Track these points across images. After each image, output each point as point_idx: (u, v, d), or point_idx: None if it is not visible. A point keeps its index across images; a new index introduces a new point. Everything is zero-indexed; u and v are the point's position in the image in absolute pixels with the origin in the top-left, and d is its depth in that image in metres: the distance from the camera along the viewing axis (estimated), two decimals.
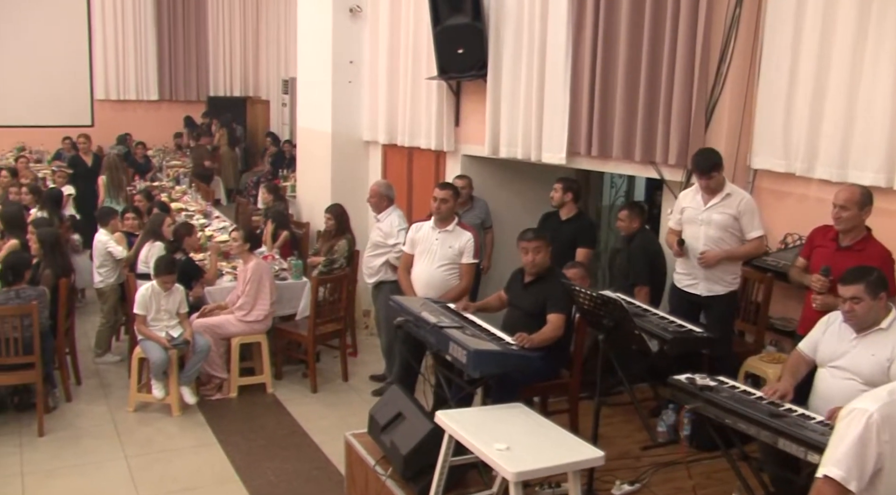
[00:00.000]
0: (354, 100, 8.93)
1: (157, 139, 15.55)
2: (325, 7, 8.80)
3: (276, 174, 13.45)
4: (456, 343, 4.56)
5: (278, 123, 16.01)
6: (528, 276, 5.27)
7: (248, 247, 7.01)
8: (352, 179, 9.01)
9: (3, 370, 6.10)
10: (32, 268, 6.56)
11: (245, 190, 14.08)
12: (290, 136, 14.95)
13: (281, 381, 7.31)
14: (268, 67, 16.68)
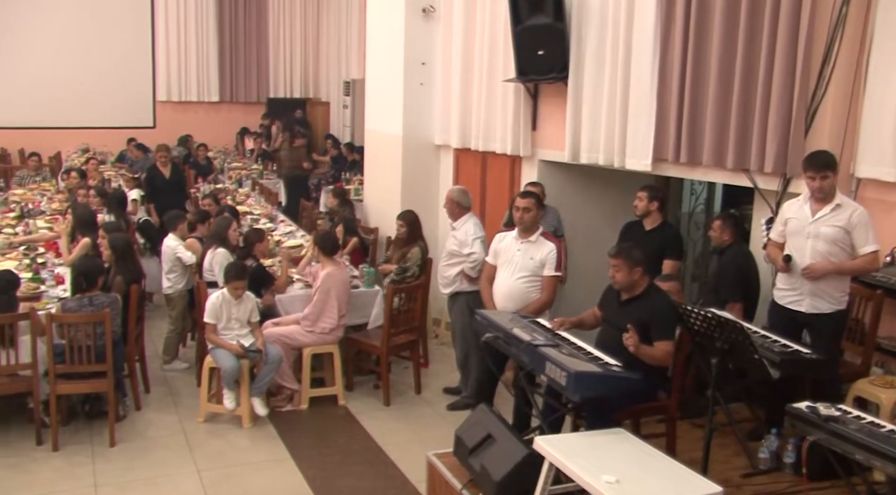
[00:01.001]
0: (426, 102, 8.68)
1: (217, 140, 15.54)
2: (396, 7, 8.57)
3: (338, 177, 13.30)
4: (553, 363, 4.29)
5: (339, 125, 15.87)
6: (624, 294, 4.97)
7: (327, 252, 6.76)
8: (422, 184, 8.77)
9: (75, 378, 5.98)
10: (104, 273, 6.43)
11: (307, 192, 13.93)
12: (352, 139, 14.80)
13: (352, 393, 7.09)
14: (328, 69, 16.56)
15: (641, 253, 4.95)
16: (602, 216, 7.88)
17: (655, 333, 4.69)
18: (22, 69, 15.06)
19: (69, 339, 5.84)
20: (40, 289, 6.71)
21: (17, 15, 14.99)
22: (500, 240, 6.00)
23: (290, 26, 16.88)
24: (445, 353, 8.09)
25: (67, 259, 7.58)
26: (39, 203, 10.11)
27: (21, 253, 7.89)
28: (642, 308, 4.81)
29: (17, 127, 15.18)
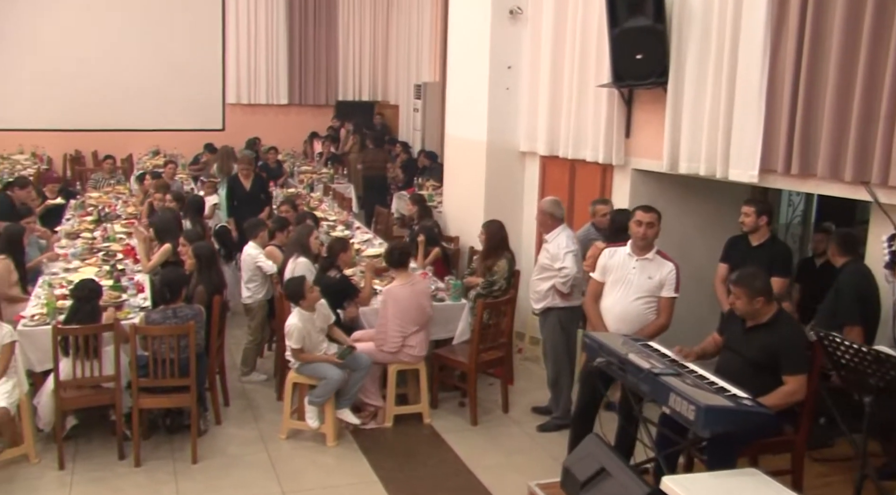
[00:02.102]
0: (511, 107, 8.36)
1: (285, 143, 15.41)
2: (482, 9, 8.27)
3: (410, 182, 13.06)
4: (679, 395, 3.94)
5: (408, 129, 15.64)
6: (749, 320, 4.60)
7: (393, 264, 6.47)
8: (506, 192, 8.46)
9: (158, 392, 5.79)
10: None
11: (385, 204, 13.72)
12: (423, 144, 14.57)
13: (436, 410, 6.80)
14: (397, 72, 16.35)
15: (765, 281, 4.59)
16: (695, 228, 7.47)
17: (786, 366, 4.33)
18: (94, 71, 15.11)
19: (152, 352, 5.66)
20: (122, 297, 6.54)
21: (88, 18, 15.04)
22: (610, 256, 5.61)
23: (359, 29, 16.72)
24: (530, 369, 7.77)
25: (146, 266, 7.44)
26: (115, 207, 10.01)
27: (100, 258, 7.77)
28: (770, 337, 4.45)
29: (89, 129, 15.23)
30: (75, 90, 15.08)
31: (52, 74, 14.87)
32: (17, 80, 14.72)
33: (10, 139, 14.60)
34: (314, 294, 6.03)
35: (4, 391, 5.50)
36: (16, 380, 5.64)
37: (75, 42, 14.98)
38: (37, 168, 13.10)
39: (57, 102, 15.03)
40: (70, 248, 8.06)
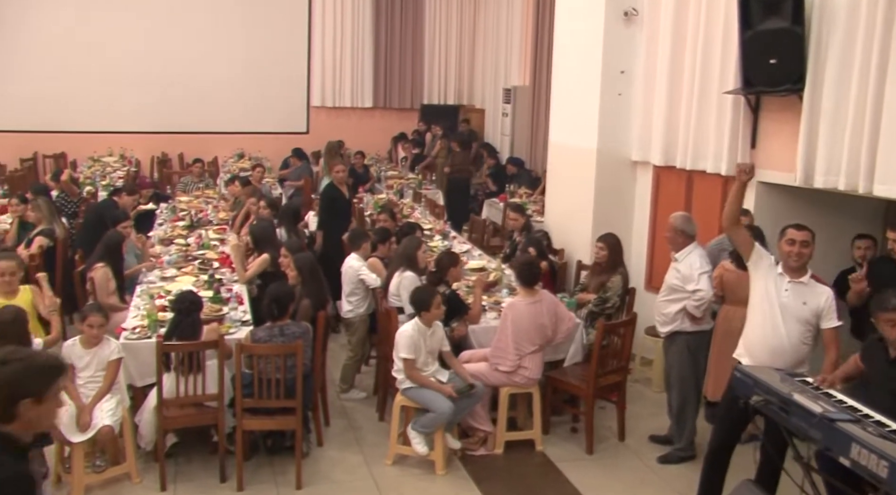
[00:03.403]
0: (624, 114, 7.91)
1: (369, 147, 15.10)
2: (595, 10, 7.83)
3: (501, 189, 12.66)
4: (864, 446, 3.47)
5: (495, 134, 15.26)
6: (893, 350, 4.13)
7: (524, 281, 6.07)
8: (616, 204, 8.01)
9: (262, 414, 5.51)
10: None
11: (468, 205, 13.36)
12: (511, 150, 14.17)
13: (547, 436, 6.39)
14: (484, 75, 15.99)
15: None
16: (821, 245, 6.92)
17: None
18: (180, 74, 15.06)
19: (258, 372, 5.37)
20: (222, 310, 6.28)
21: (174, 20, 15.01)
22: (761, 257, 5.11)
23: (445, 30, 16.39)
24: (640, 392, 7.33)
25: (243, 276, 7.19)
26: (207, 212, 9.82)
27: (196, 267, 7.55)
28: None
29: (174, 131, 15.20)
30: (161, 92, 15.05)
31: (137, 77, 14.85)
32: (106, 82, 14.74)
33: (100, 141, 14.64)
34: (438, 310, 5.68)
35: (108, 408, 5.28)
36: (119, 397, 5.44)
37: (162, 45, 14.94)
38: (126, 170, 13.05)
39: (143, 105, 15.02)
40: (165, 256, 7.86)
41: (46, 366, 2.74)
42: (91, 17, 14.63)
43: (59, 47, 14.49)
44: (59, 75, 14.52)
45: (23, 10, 14.37)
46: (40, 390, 2.64)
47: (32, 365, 2.69)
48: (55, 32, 14.47)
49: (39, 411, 2.65)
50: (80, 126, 14.79)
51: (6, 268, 5.41)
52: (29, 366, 2.67)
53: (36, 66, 14.42)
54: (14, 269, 5.41)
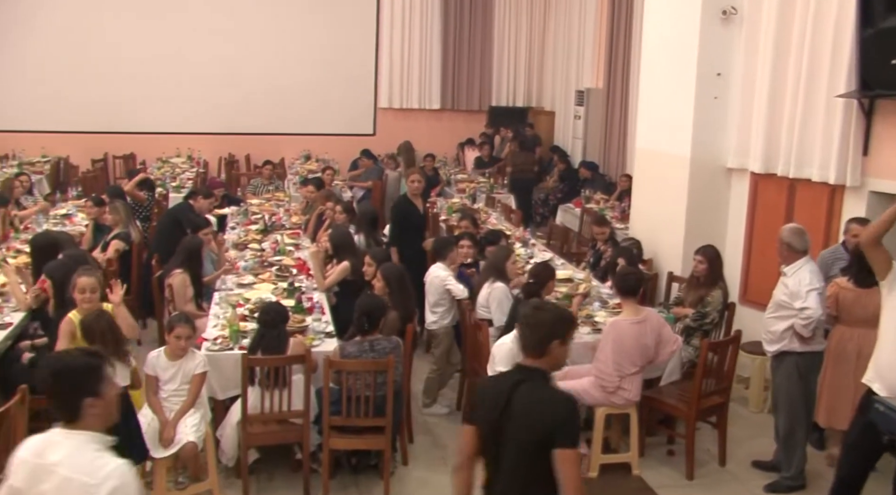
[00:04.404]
0: (720, 119, 7.52)
1: (437, 150, 14.82)
2: (690, 10, 7.45)
3: (572, 193, 12.32)
4: None
5: (566, 137, 14.90)
6: None
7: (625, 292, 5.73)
8: (710, 213, 7.63)
9: (350, 432, 5.27)
10: None
11: (532, 208, 13.05)
12: (584, 153, 13.81)
13: (643, 459, 6.03)
14: (554, 76, 15.62)
15: None
16: None
17: None
18: (246, 75, 14.98)
19: (346, 389, 5.12)
20: (305, 321, 6.05)
21: (239, 21, 14.94)
22: None
23: (515, 31, 16.05)
24: (737, 412, 6.90)
25: (323, 284, 6.97)
26: (280, 216, 9.64)
27: (274, 274, 7.35)
28: None
29: (240, 132, 15.12)
30: (228, 94, 14.99)
31: (205, 78, 14.83)
32: (173, 83, 14.74)
33: (167, 142, 14.63)
34: None
35: (192, 423, 5.08)
36: (203, 412, 5.22)
37: (229, 46, 14.88)
38: (195, 172, 12.97)
39: (210, 106, 14.99)
40: (240, 261, 7.67)
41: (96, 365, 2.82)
42: (160, 20, 14.62)
43: (129, 49, 14.50)
44: (128, 76, 14.53)
45: (94, 13, 14.43)
46: (98, 388, 2.75)
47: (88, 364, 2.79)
48: (124, 35, 14.49)
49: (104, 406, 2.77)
50: (147, 127, 14.80)
51: (87, 284, 5.19)
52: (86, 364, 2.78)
53: (106, 67, 14.46)
54: (95, 286, 5.20)
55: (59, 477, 2.64)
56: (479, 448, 3.32)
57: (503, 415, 3.19)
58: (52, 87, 14.33)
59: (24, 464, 2.75)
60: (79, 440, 2.72)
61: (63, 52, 14.35)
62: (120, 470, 2.65)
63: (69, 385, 2.74)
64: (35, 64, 14.26)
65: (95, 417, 2.75)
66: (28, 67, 14.24)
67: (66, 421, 2.75)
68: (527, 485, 3.19)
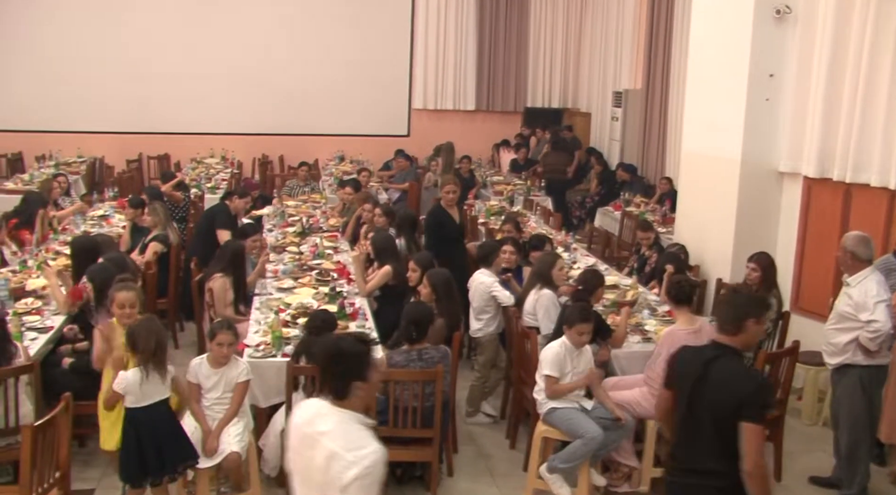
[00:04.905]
0: (771, 121, 7.31)
1: (471, 151, 14.63)
2: (742, 9, 7.25)
3: (611, 196, 12.12)
4: None
5: (602, 138, 14.70)
6: None
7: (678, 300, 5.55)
8: (760, 219, 7.42)
9: (396, 443, 5.10)
10: None
11: (569, 211, 12.85)
12: (621, 155, 13.61)
13: None
14: (590, 77, 15.43)
15: None
16: None
17: None
18: (280, 75, 14.94)
19: (394, 399, 4.98)
20: (349, 328, 5.91)
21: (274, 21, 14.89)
22: None
23: (551, 32, 15.87)
24: (791, 426, 6.63)
25: (364, 289, 6.84)
26: (317, 219, 9.52)
27: (314, 278, 7.22)
28: None
29: (274, 133, 15.07)
30: (262, 94, 14.96)
31: (238, 78, 14.80)
32: (207, 84, 14.72)
33: (201, 143, 14.60)
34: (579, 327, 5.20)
35: (236, 433, 4.95)
36: (246, 421, 5.10)
37: (263, 46, 14.86)
38: (229, 172, 12.92)
39: (243, 106, 14.97)
40: (279, 265, 7.56)
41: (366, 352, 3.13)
42: (195, 20, 14.64)
43: (164, 50, 14.53)
44: (163, 77, 14.57)
45: (131, 14, 14.44)
46: (366, 373, 3.04)
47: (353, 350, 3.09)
48: (160, 35, 14.51)
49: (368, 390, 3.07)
50: (181, 127, 14.81)
51: (126, 299, 5.06)
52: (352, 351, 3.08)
53: (141, 67, 14.48)
54: (134, 301, 5.08)
55: (323, 446, 2.89)
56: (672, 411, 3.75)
57: (698, 386, 3.57)
58: (87, 87, 14.39)
59: (297, 429, 3.07)
60: (343, 416, 2.96)
61: (98, 53, 14.39)
62: (375, 455, 2.86)
63: (342, 367, 3.02)
64: (71, 64, 14.31)
65: (359, 399, 3.03)
66: (64, 68, 14.29)
67: (333, 398, 3.01)
68: (711, 451, 3.55)
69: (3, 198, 10.29)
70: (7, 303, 6.17)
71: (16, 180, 11.64)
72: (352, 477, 2.80)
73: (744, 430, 3.43)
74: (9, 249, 7.69)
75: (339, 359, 3.04)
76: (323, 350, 3.10)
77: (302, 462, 3.01)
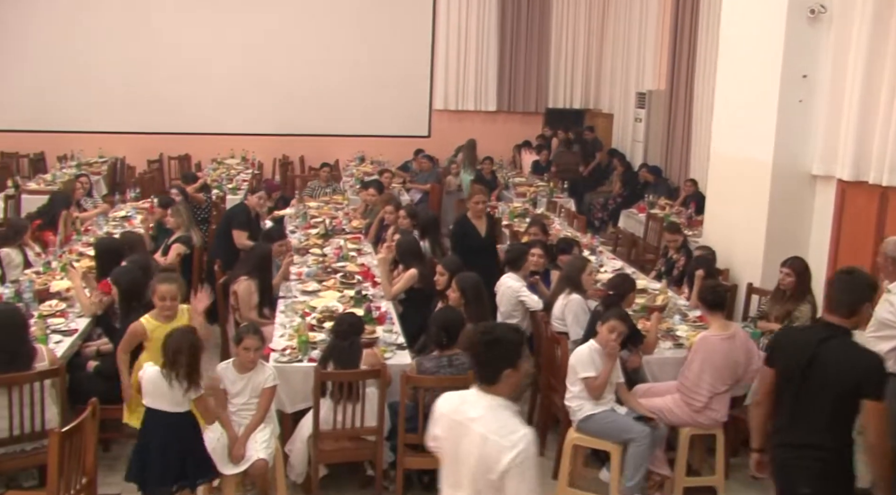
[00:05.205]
0: (804, 123, 7.16)
1: (492, 151, 14.51)
2: (774, 9, 7.10)
3: (634, 198, 11.99)
4: None
5: (624, 139, 14.56)
6: None
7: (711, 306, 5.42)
8: (792, 223, 7.26)
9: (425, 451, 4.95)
10: None
11: (591, 213, 12.74)
12: (645, 157, 13.47)
13: (727, 481, 5.72)
14: (612, 78, 15.30)
15: None
16: None
17: None
18: (300, 76, 14.89)
19: (423, 406, 4.89)
20: (375, 332, 5.82)
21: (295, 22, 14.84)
22: None
23: (573, 33, 15.73)
24: None
25: (390, 292, 6.75)
26: (340, 220, 9.44)
27: (339, 281, 7.14)
28: None
29: (294, 134, 15.03)
30: (282, 95, 14.91)
31: (258, 79, 14.77)
32: (227, 84, 14.70)
33: (221, 143, 14.60)
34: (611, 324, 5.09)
35: (262, 439, 4.88)
36: (272, 427, 5.02)
37: (283, 46, 14.83)
38: (250, 173, 12.87)
39: (263, 107, 14.93)
40: (303, 267, 7.48)
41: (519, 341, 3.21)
42: (215, 21, 14.60)
43: (184, 50, 14.50)
44: (183, 77, 14.55)
45: (150, 14, 14.43)
46: (517, 361, 3.09)
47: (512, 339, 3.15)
48: (179, 36, 14.49)
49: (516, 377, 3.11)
50: (201, 127, 14.79)
51: (167, 292, 5.04)
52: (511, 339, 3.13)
53: (161, 68, 14.47)
54: (175, 293, 5.06)
55: (476, 433, 2.98)
56: (774, 390, 3.93)
57: (810, 366, 3.72)
58: (108, 87, 14.39)
59: (444, 418, 3.17)
60: (492, 402, 3.03)
61: (119, 54, 14.38)
62: (528, 438, 2.92)
63: (495, 354, 3.06)
64: (92, 65, 14.32)
65: (508, 385, 3.08)
66: (85, 68, 14.30)
67: (482, 384, 3.08)
68: (825, 427, 3.73)
69: (27, 199, 10.30)
70: (31, 305, 6.12)
71: (38, 180, 11.64)
72: (508, 461, 2.86)
73: (866, 407, 3.63)
74: (32, 251, 7.66)
75: (494, 346, 3.07)
76: (478, 336, 3.12)
77: (452, 449, 3.10)
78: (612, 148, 14.54)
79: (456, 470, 3.09)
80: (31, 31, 14.20)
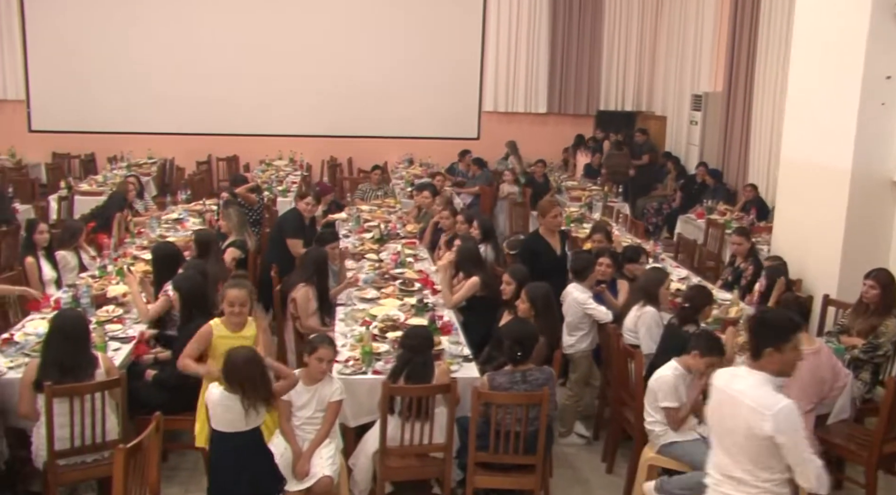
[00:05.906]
0: (886, 128, 6.84)
1: (542, 153, 14.28)
2: (856, 7, 6.78)
3: (691, 202, 11.67)
4: None
5: (679, 142, 14.24)
6: None
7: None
8: (870, 232, 6.94)
9: (496, 470, 4.82)
10: None
11: (644, 217, 12.44)
12: (701, 158, 13.13)
13: None
14: (665, 80, 14.98)
15: None
16: None
17: None
18: (348, 77, 14.77)
19: (495, 423, 4.68)
20: (441, 343, 5.60)
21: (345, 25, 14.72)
22: None
23: (625, 34, 15.43)
24: None
25: (450, 301, 6.54)
26: (395, 225, 9.25)
27: (398, 288, 6.94)
28: None
29: (342, 135, 14.91)
30: (330, 96, 14.82)
31: (306, 80, 14.70)
32: (275, 85, 14.64)
33: (269, 144, 14.53)
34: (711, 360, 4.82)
35: (328, 455, 4.70)
36: (337, 442, 4.84)
37: (333, 47, 14.72)
38: (299, 175, 12.75)
39: (311, 108, 14.87)
40: (360, 274, 7.29)
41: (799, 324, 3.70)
42: (264, 23, 14.54)
43: (231, 50, 14.47)
44: (231, 78, 14.52)
45: (199, 16, 14.41)
46: (781, 343, 3.50)
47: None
48: (228, 38, 14.45)
49: (784, 358, 3.52)
50: (250, 129, 14.74)
51: (236, 297, 4.86)
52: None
53: (209, 69, 14.47)
54: (244, 299, 4.88)
55: (743, 404, 3.46)
56: None
57: None
58: (157, 89, 14.39)
59: (717, 391, 3.66)
60: (757, 378, 3.49)
61: (167, 55, 14.40)
62: (788, 408, 3.36)
63: (760, 333, 3.56)
64: (140, 66, 14.33)
65: (771, 363, 3.49)
66: (134, 70, 14.33)
67: (749, 358, 3.58)
68: None
69: (80, 200, 10.26)
70: (89, 311, 5.99)
71: (90, 182, 11.61)
72: (771, 429, 3.34)
73: None
74: (87, 254, 7.57)
75: (760, 326, 3.57)
76: (757, 315, 3.76)
77: (721, 419, 3.60)
78: (667, 151, 14.22)
79: (727, 437, 3.55)
80: (80, 33, 14.23)
